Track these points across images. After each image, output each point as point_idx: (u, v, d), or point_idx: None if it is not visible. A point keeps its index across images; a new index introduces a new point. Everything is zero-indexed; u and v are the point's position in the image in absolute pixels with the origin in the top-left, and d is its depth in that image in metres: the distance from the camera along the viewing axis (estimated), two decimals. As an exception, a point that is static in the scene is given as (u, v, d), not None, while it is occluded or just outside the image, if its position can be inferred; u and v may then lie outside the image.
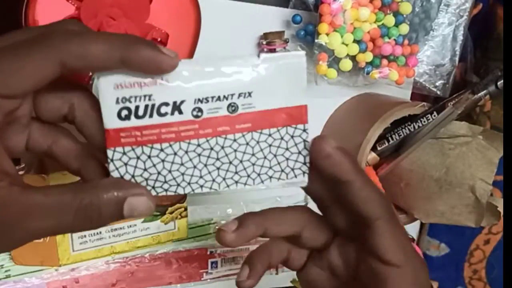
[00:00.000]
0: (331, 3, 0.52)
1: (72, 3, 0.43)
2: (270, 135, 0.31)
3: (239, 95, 0.29)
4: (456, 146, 0.56)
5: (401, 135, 0.58)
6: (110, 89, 0.28)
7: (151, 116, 0.29)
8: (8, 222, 0.27)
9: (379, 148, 0.59)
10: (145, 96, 0.28)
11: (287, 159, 0.32)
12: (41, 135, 0.31)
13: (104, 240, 0.51)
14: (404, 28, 0.56)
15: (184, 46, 0.47)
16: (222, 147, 0.30)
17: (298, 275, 0.38)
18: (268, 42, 0.55)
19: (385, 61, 0.56)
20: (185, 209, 0.53)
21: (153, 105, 0.29)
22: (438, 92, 0.63)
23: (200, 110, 0.29)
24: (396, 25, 0.55)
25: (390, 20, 0.55)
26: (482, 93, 0.56)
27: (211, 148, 0.30)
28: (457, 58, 0.62)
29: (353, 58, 0.55)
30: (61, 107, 0.30)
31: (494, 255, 0.74)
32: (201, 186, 0.31)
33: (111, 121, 0.29)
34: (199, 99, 0.29)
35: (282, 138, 0.31)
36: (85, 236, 0.50)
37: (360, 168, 0.32)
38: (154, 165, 0.30)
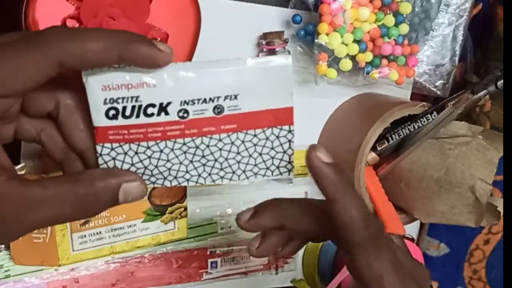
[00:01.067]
0: (331, 3, 0.52)
1: (72, 3, 0.43)
2: (255, 135, 0.32)
3: (225, 97, 0.30)
4: (456, 146, 0.56)
5: (401, 135, 0.58)
6: (97, 90, 0.29)
7: (137, 116, 0.30)
8: (8, 215, 0.27)
9: (379, 148, 0.59)
10: (132, 97, 0.29)
11: (273, 157, 0.33)
12: (30, 124, 0.31)
13: (104, 240, 0.51)
14: (404, 28, 0.56)
15: (184, 46, 0.47)
16: (208, 146, 0.31)
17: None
18: (267, 42, 0.55)
19: (385, 61, 0.56)
20: (185, 209, 0.53)
21: (140, 106, 0.29)
22: (438, 92, 0.63)
23: (186, 111, 0.30)
24: (396, 25, 0.55)
25: (390, 20, 0.55)
26: (482, 93, 0.56)
27: (197, 147, 0.31)
28: (457, 58, 0.62)
29: (353, 58, 0.55)
30: (47, 104, 0.31)
31: (494, 255, 0.74)
32: (187, 180, 0.32)
33: (99, 120, 0.30)
34: (185, 101, 0.30)
35: (267, 138, 0.32)
36: (85, 236, 0.50)
37: (346, 189, 0.31)
38: (141, 161, 0.31)
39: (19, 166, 0.49)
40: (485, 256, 0.75)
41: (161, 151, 0.31)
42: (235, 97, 0.30)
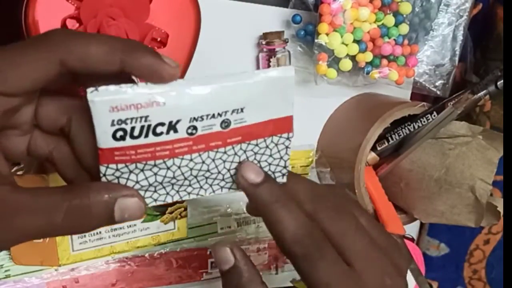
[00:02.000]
0: (331, 3, 0.52)
1: (72, 3, 0.43)
2: (257, 144, 0.32)
3: (232, 111, 0.30)
4: (456, 146, 0.56)
5: (401, 135, 0.58)
6: (105, 111, 0.27)
7: (146, 136, 0.29)
8: None
9: (379, 148, 0.59)
10: (141, 117, 0.28)
11: (270, 164, 0.33)
12: (43, 140, 0.31)
13: (104, 240, 0.51)
14: (404, 28, 0.56)
15: (184, 46, 0.47)
16: (213, 160, 0.31)
17: None
18: (267, 42, 0.55)
19: (385, 61, 0.56)
20: (185, 209, 0.53)
21: (149, 126, 0.28)
22: (438, 92, 0.63)
23: (195, 128, 0.29)
24: (396, 25, 0.55)
25: (390, 20, 0.55)
26: (482, 93, 0.56)
27: (203, 162, 0.31)
28: (457, 58, 0.62)
29: (353, 58, 0.55)
30: (59, 119, 0.30)
31: (494, 255, 0.74)
32: (189, 193, 0.32)
33: (105, 141, 0.28)
34: (194, 118, 0.29)
35: (267, 147, 0.32)
36: (85, 236, 0.50)
37: (274, 207, 0.32)
38: (146, 178, 0.30)
39: (18, 167, 0.49)
40: (485, 256, 0.75)
41: (168, 168, 0.30)
42: (242, 110, 0.30)
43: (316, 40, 0.54)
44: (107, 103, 0.27)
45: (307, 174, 0.61)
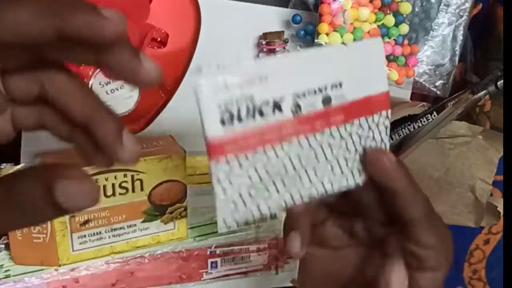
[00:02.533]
0: (331, 3, 0.52)
1: (72, 3, 0.43)
2: (360, 125, 0.30)
3: (332, 86, 0.29)
4: (456, 146, 0.56)
5: (401, 135, 0.58)
6: (210, 93, 0.25)
7: (253, 117, 0.27)
8: None
9: (379, 148, 0.58)
10: (246, 97, 0.26)
11: (370, 147, 0.32)
12: (26, 112, 0.29)
13: (104, 240, 0.51)
14: (404, 28, 0.56)
15: (184, 46, 0.47)
16: (320, 145, 0.30)
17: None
18: (267, 42, 0.55)
19: (385, 61, 0.56)
20: (185, 209, 0.53)
21: (254, 106, 0.27)
22: (438, 92, 0.63)
23: (298, 106, 0.28)
24: (396, 25, 0.55)
25: (390, 20, 0.55)
26: (482, 93, 0.56)
27: (310, 146, 0.29)
28: (457, 58, 0.62)
29: (353, 58, 0.55)
30: (30, 88, 0.27)
31: (494, 255, 0.74)
32: (302, 196, 0.30)
33: (214, 129, 0.26)
34: (297, 95, 0.28)
35: (369, 128, 0.31)
36: (85, 236, 0.50)
37: (410, 179, 0.32)
38: (257, 171, 0.28)
39: (19, 166, 0.49)
40: (485, 256, 0.75)
41: (277, 156, 0.28)
42: (340, 85, 0.29)
43: (316, 40, 0.54)
44: (213, 83, 0.25)
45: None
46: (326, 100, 0.29)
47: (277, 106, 0.27)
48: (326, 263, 0.38)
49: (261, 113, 0.27)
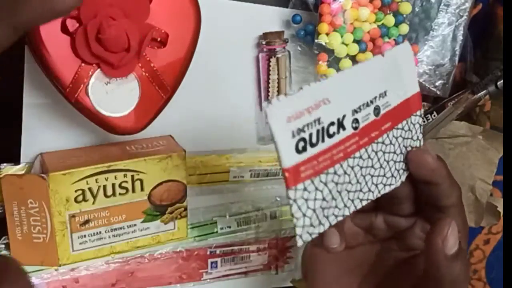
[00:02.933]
0: (331, 3, 0.52)
1: (72, 3, 0.43)
2: (402, 128, 0.32)
3: (379, 96, 0.30)
4: (456, 146, 0.56)
5: (401, 135, 0.58)
6: (283, 124, 0.26)
7: (323, 140, 0.28)
8: None
9: (379, 148, 0.58)
10: (315, 121, 0.27)
11: (410, 145, 0.34)
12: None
13: (104, 240, 0.51)
14: (404, 28, 0.56)
15: (184, 46, 0.47)
16: (376, 153, 0.31)
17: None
18: (267, 42, 0.55)
19: (385, 61, 0.56)
20: (185, 209, 0.53)
21: (323, 128, 0.28)
22: (438, 92, 0.63)
23: (357, 121, 0.29)
24: (396, 25, 0.55)
25: (390, 20, 0.55)
26: (482, 93, 0.56)
27: (368, 156, 0.31)
28: (457, 58, 0.62)
29: (353, 58, 0.55)
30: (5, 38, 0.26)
31: (494, 255, 0.74)
32: (361, 200, 0.32)
33: (290, 158, 0.27)
34: (355, 110, 0.29)
35: (409, 129, 0.33)
36: (85, 236, 0.50)
37: (448, 171, 0.35)
38: (330, 191, 0.29)
39: (19, 166, 0.49)
40: (485, 256, 0.75)
41: (345, 172, 0.30)
42: (385, 93, 0.31)
43: (316, 40, 0.54)
44: (283, 114, 0.26)
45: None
46: (377, 110, 0.30)
47: (341, 125, 0.29)
48: (341, 263, 0.38)
49: (329, 135, 0.28)
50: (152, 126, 0.48)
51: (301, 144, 0.27)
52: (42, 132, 0.50)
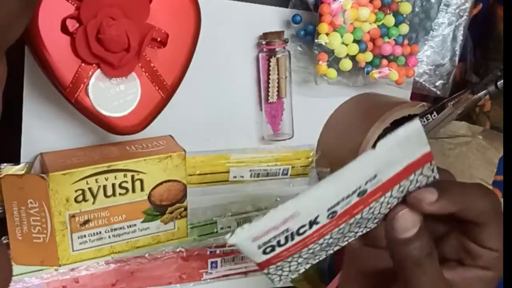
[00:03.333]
0: (331, 3, 0.52)
1: (72, 3, 0.43)
2: (400, 186, 0.30)
3: (366, 182, 0.29)
4: (456, 146, 0.56)
5: (401, 135, 0.58)
6: (249, 243, 0.27)
7: (292, 239, 0.29)
8: None
9: (379, 148, 0.58)
10: (283, 231, 0.28)
11: (419, 187, 0.31)
12: None
13: (104, 240, 0.51)
14: (404, 28, 0.56)
15: (184, 46, 0.47)
16: (355, 220, 0.31)
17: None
18: (267, 42, 0.55)
19: (385, 61, 0.56)
20: (185, 209, 0.53)
21: (292, 233, 0.28)
22: (438, 92, 0.63)
23: (334, 212, 0.29)
24: (396, 25, 0.55)
25: (390, 20, 0.55)
26: (482, 93, 0.56)
27: (350, 224, 0.31)
28: (457, 58, 0.62)
29: (353, 58, 0.55)
30: None
31: (494, 255, 0.74)
32: (336, 246, 0.33)
33: (259, 258, 0.29)
34: (331, 207, 0.28)
35: (411, 180, 0.31)
36: (85, 236, 0.50)
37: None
38: (298, 262, 0.31)
39: (19, 166, 0.49)
40: (485, 256, 0.75)
41: (320, 244, 0.31)
42: (374, 176, 0.29)
43: (316, 40, 0.54)
44: (248, 238, 0.27)
45: (307, 174, 0.61)
46: (362, 193, 0.29)
47: (313, 223, 0.28)
48: (373, 261, 0.38)
49: (299, 233, 0.28)
50: (152, 126, 0.48)
51: (269, 249, 0.28)
52: (42, 132, 0.50)
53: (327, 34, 0.53)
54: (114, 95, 0.46)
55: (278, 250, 0.29)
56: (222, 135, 0.58)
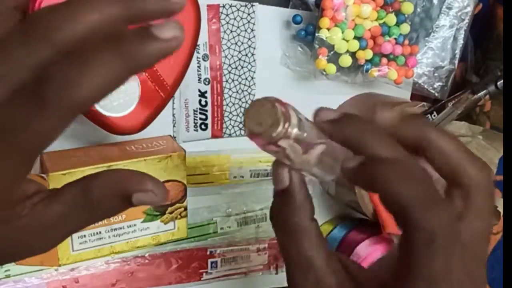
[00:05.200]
0: (333, -1, 0.52)
1: (72, 3, 0.42)
2: None
3: None
4: (456, 146, 0.56)
5: (401, 135, 0.58)
6: None
7: None
8: (34, 240, 0.26)
9: (379, 148, 0.58)
10: None
11: None
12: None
13: (104, 240, 0.51)
14: (405, 28, 0.56)
15: (184, 46, 0.47)
16: None
17: None
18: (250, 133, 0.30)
19: (384, 60, 0.56)
20: (185, 209, 0.53)
21: None
22: (436, 94, 0.63)
23: None
24: (397, 24, 0.55)
25: (391, 18, 0.55)
26: (482, 93, 0.56)
27: None
28: (456, 61, 0.62)
29: (353, 54, 0.55)
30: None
31: (494, 255, 0.74)
32: None
33: None
34: None
35: None
36: (85, 236, 0.50)
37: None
38: None
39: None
40: (485, 256, 0.75)
41: None
42: None
43: (316, 34, 0.54)
44: None
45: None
46: None
47: None
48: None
49: None
50: (152, 126, 0.48)
51: None
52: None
53: (328, 29, 0.53)
54: (114, 95, 0.46)
55: None
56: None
